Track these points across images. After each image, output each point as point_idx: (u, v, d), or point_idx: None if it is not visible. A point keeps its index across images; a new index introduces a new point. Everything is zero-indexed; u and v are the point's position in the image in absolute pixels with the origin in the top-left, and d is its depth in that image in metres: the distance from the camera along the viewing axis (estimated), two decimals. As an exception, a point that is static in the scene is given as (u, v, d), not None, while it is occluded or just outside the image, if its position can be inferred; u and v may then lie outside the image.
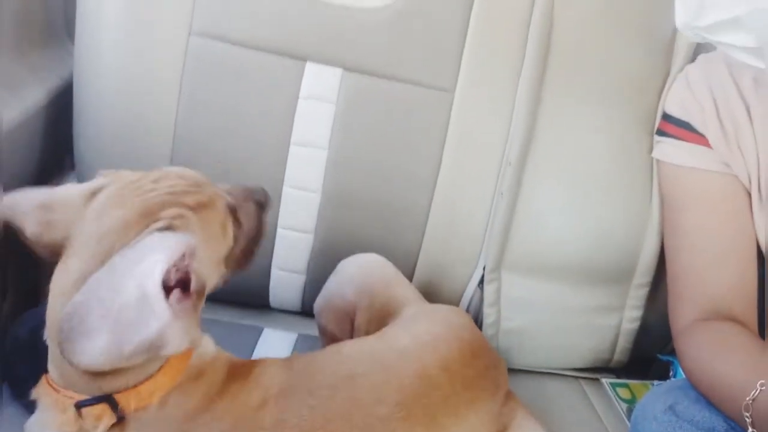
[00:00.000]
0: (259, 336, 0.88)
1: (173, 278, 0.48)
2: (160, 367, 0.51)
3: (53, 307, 0.50)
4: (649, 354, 0.94)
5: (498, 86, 0.83)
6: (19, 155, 0.82)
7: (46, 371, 0.53)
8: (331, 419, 0.55)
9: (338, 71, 0.82)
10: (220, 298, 0.92)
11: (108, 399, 0.49)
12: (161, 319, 0.46)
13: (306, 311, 0.92)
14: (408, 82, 0.82)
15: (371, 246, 0.85)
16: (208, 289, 0.54)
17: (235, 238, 0.59)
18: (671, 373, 0.90)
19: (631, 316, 0.90)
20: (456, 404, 0.61)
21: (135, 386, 0.50)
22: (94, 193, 0.53)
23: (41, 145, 0.86)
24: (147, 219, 0.51)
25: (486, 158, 0.84)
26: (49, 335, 0.51)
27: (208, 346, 0.58)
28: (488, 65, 0.83)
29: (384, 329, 0.68)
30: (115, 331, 0.45)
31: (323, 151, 0.83)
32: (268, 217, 0.79)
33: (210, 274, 0.56)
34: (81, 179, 0.87)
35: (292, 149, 0.83)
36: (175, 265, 0.48)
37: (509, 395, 0.70)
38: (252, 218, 0.63)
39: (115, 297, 0.46)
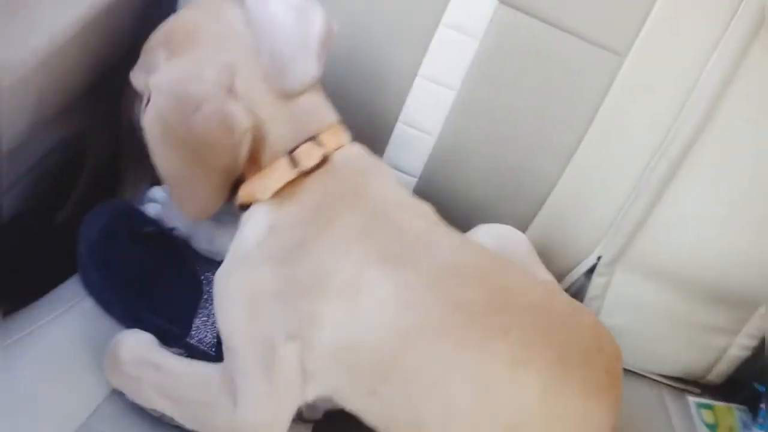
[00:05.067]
0: None
1: None
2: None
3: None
4: (741, 378, 0.86)
5: (679, 61, 0.69)
6: None
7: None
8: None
9: (493, 1, 0.69)
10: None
11: (313, 138, 0.57)
12: None
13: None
14: (574, 34, 0.69)
15: (478, 206, 0.76)
16: None
17: None
18: (763, 405, 0.82)
19: (743, 344, 0.80)
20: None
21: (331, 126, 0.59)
22: None
23: None
24: None
25: (639, 141, 0.72)
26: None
27: None
28: (676, 35, 0.68)
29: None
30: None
31: (451, 91, 0.72)
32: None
33: None
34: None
35: (418, 82, 0.72)
36: None
37: None
38: None
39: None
